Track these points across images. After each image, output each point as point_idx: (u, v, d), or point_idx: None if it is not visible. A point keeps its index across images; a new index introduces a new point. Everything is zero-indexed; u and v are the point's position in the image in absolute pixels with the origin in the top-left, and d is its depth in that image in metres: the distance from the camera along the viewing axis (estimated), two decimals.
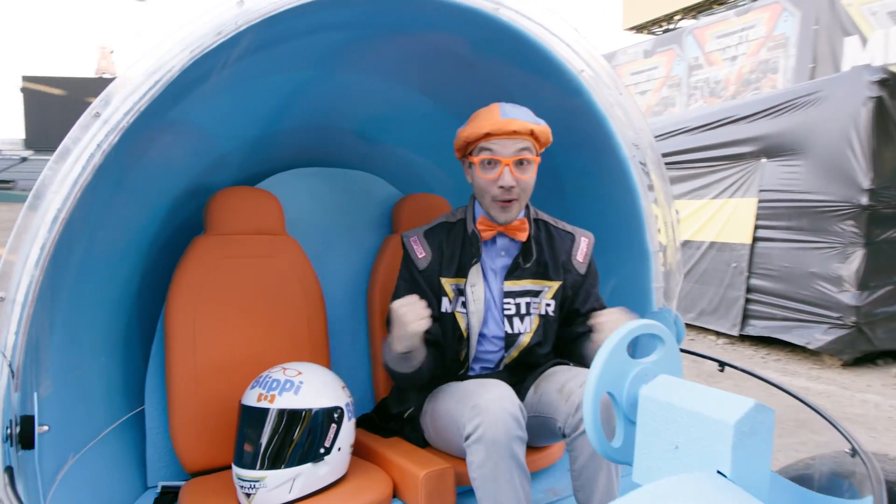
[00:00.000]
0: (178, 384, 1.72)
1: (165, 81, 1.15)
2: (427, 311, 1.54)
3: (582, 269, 1.84)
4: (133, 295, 1.82)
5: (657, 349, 1.48)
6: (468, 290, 1.72)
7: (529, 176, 1.69)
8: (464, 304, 1.73)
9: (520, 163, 1.66)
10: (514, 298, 1.75)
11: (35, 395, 1.08)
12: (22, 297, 1.06)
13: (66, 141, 1.10)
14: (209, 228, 1.85)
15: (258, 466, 1.47)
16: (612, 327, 1.57)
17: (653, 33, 15.99)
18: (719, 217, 6.10)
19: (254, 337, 1.84)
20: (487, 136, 1.63)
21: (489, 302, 1.76)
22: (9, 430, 1.03)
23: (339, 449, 1.58)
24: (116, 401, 1.74)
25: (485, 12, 1.64)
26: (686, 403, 1.23)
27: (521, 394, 1.76)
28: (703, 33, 9.70)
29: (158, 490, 1.72)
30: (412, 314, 1.51)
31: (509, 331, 1.75)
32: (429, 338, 1.69)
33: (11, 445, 1.04)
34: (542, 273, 1.79)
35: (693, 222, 6.38)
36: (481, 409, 1.45)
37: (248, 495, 1.46)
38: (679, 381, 1.34)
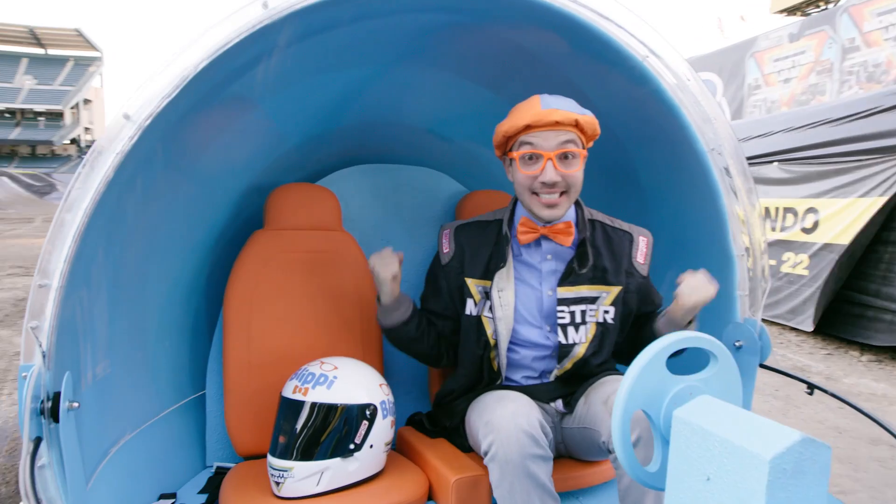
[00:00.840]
0: (232, 371, 1.80)
1: (177, 86, 1.20)
2: (395, 259, 1.66)
3: (644, 271, 1.72)
4: (203, 285, 1.94)
5: (708, 366, 1.32)
6: (495, 294, 1.63)
7: (575, 170, 1.57)
8: (490, 309, 1.65)
9: (564, 156, 1.55)
10: (568, 306, 1.64)
11: (67, 373, 1.17)
12: (56, 285, 1.15)
13: (100, 140, 1.18)
14: (268, 223, 1.92)
15: (287, 456, 1.50)
16: (690, 294, 1.50)
17: (806, 14, 14.53)
18: (866, 218, 5.38)
19: (306, 330, 1.89)
20: (528, 128, 1.53)
21: (524, 308, 1.66)
22: (42, 405, 1.13)
23: (372, 446, 1.57)
24: (182, 383, 1.87)
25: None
26: (721, 430, 1.08)
27: (572, 405, 1.65)
28: (861, 11, 8.61)
29: (213, 470, 1.82)
30: (380, 263, 1.64)
31: (563, 341, 1.64)
32: (436, 311, 1.76)
33: (45, 418, 1.13)
34: (599, 278, 1.66)
35: (835, 224, 5.69)
36: (493, 426, 1.39)
37: (278, 484, 1.50)
38: (721, 403, 1.18)
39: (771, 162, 6.30)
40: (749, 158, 6.28)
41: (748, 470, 1.00)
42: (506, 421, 1.37)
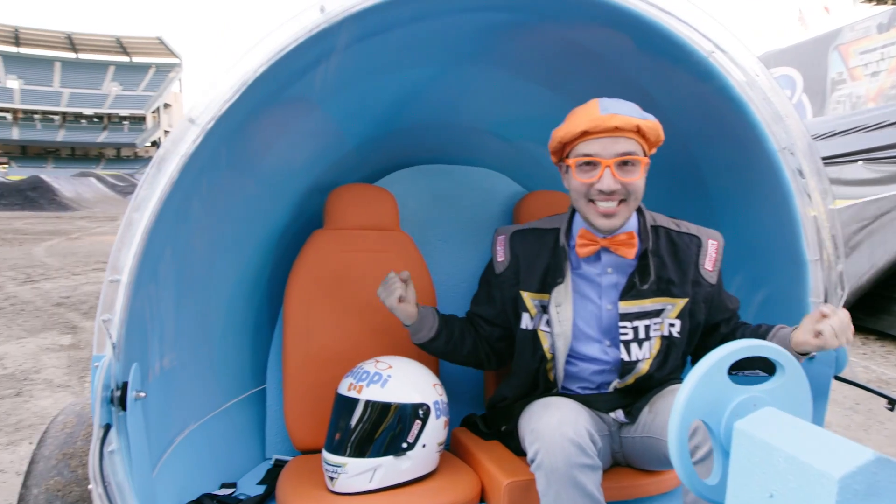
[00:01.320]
0: (291, 367, 1.85)
1: (237, 90, 1.24)
2: (396, 283, 1.63)
3: (713, 279, 1.61)
4: (265, 282, 2.01)
5: (774, 376, 1.26)
6: (553, 310, 1.57)
7: (636, 179, 1.47)
8: (548, 323, 1.59)
9: (623, 164, 1.46)
10: (631, 321, 1.56)
11: (135, 364, 1.23)
12: (125, 280, 1.21)
13: (166, 142, 1.24)
14: (327, 223, 1.97)
15: (342, 453, 1.53)
16: (836, 338, 1.36)
17: None
18: None
19: (363, 327, 1.91)
20: (585, 134, 1.45)
21: (583, 322, 1.60)
22: (111, 394, 1.19)
23: (424, 446, 1.57)
24: (244, 377, 1.94)
25: None
26: (786, 445, 1.02)
27: (634, 414, 1.60)
28: None
29: (272, 462, 1.88)
30: (383, 291, 1.63)
31: (626, 358, 1.57)
32: (486, 317, 1.72)
33: (114, 406, 1.20)
34: (664, 290, 1.57)
35: None
36: (538, 434, 1.36)
37: (332, 479, 1.53)
38: (787, 417, 1.12)
39: (855, 161, 5.94)
40: (831, 158, 5.94)
41: (815, 489, 0.94)
42: (551, 429, 1.33)
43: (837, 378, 1.71)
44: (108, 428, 1.17)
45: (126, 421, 1.19)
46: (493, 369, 1.84)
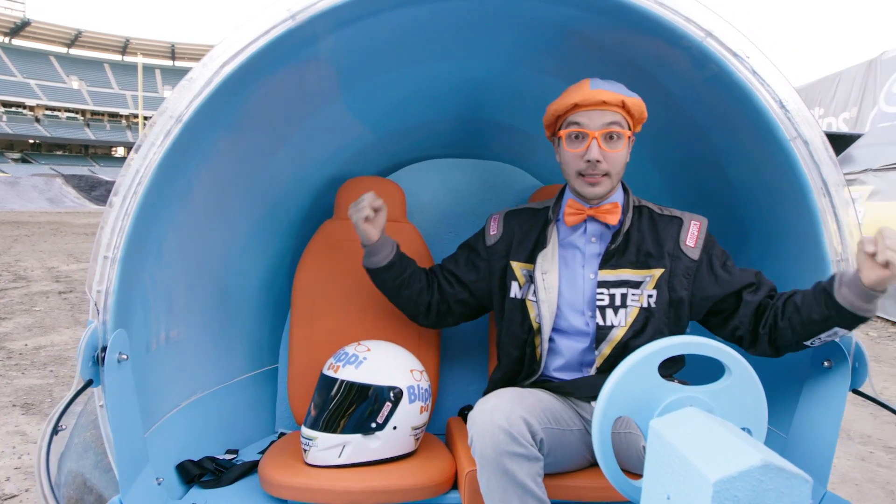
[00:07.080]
0: (295, 349, 1.98)
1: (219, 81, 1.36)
2: (365, 205, 1.68)
3: (694, 254, 1.63)
4: (286, 268, 2.15)
5: (721, 378, 1.19)
6: (538, 276, 1.63)
7: (619, 151, 1.59)
8: (535, 293, 1.64)
9: (609, 137, 1.58)
10: (608, 289, 1.61)
11: (119, 330, 1.38)
12: (111, 256, 1.37)
13: (141, 136, 1.38)
14: (336, 213, 2.07)
15: (315, 427, 1.62)
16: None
17: None
18: None
19: (364, 313, 2.00)
20: (575, 107, 1.58)
21: (568, 291, 1.64)
22: (96, 354, 1.36)
23: (395, 428, 1.62)
24: (261, 354, 2.09)
25: None
26: (683, 445, 0.97)
27: None
28: None
29: (278, 435, 2.01)
30: (353, 208, 1.70)
31: (601, 323, 1.60)
32: (458, 276, 1.78)
33: (101, 366, 1.36)
34: (643, 262, 1.63)
35: None
36: (473, 420, 1.39)
37: (305, 451, 1.62)
38: (706, 418, 1.06)
39: None
40: None
41: (696, 492, 0.90)
42: (484, 416, 1.35)
43: (856, 392, 1.55)
44: (90, 382, 1.34)
45: (105, 379, 1.34)
46: (427, 325, 1.86)
